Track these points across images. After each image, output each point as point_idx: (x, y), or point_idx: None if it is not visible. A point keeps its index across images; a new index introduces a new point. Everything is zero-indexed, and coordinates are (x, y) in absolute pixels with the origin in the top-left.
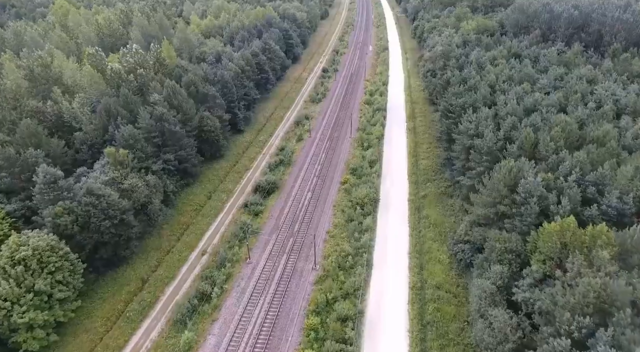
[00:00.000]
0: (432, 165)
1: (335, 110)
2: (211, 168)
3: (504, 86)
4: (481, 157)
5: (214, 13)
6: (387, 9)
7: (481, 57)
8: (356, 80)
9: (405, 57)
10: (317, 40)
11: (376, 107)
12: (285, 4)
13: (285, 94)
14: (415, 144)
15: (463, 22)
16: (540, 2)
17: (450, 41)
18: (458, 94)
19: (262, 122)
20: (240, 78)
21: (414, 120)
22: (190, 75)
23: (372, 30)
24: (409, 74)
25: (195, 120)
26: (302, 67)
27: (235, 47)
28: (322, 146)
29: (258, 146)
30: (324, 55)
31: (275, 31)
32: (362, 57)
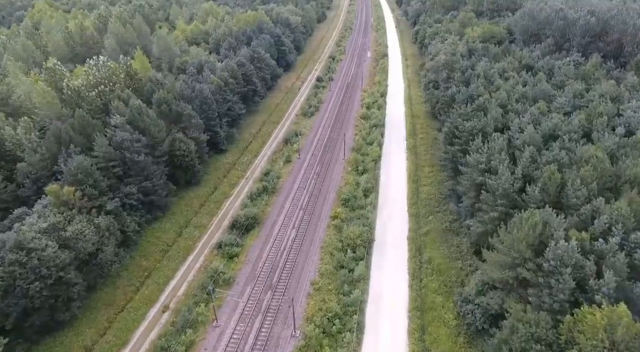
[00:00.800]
0: (434, 194)
1: (329, 127)
2: (185, 197)
3: (517, 106)
4: (495, 200)
5: (201, 18)
6: (387, 12)
7: (489, 69)
8: (352, 90)
9: (406, 64)
10: (313, 45)
11: (373, 123)
12: (279, 8)
13: (276, 106)
14: (415, 166)
15: (468, 29)
16: (552, 7)
17: (454, 50)
18: (464, 114)
19: (247, 140)
20: (223, 92)
21: (414, 138)
22: (161, 93)
23: (371, 34)
24: (409, 83)
25: (165, 144)
26: (295, 75)
27: (222, 56)
28: (311, 170)
29: (241, 169)
30: (319, 62)
31: (266, 37)
32: (359, 64)
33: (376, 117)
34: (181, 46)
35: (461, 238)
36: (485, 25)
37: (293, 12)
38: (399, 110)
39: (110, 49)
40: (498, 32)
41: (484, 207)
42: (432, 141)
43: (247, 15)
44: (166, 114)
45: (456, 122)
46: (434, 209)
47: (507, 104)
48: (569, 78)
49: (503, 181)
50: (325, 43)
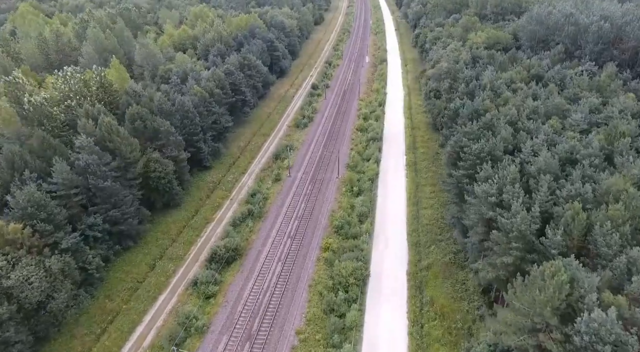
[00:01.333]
0: (437, 219)
1: (323, 140)
2: (162, 223)
3: (529, 125)
4: (508, 241)
5: (191, 22)
6: (387, 14)
7: (495, 79)
8: (349, 99)
9: (406, 70)
10: (309, 50)
11: (370, 136)
12: (273, 10)
13: (267, 116)
14: (416, 186)
15: (471, 34)
16: (562, 12)
17: (457, 57)
18: (470, 133)
19: (235, 155)
20: (208, 103)
21: (414, 152)
22: (136, 108)
23: (370, 37)
24: (409, 91)
25: (139, 165)
26: (289, 82)
27: (210, 63)
28: (302, 191)
29: (226, 188)
30: (315, 68)
31: (259, 43)
32: (357, 70)
33: (373, 129)
34: (167, 53)
35: (467, 273)
36: (490, 30)
37: (288, 15)
38: (398, 121)
39: (87, 57)
40: (503, 38)
41: (495, 249)
42: (434, 156)
43: (239, 19)
44: (141, 131)
45: (461, 141)
46: (436, 237)
47: (517, 120)
48: (583, 90)
49: (518, 221)
50: (322, 47)
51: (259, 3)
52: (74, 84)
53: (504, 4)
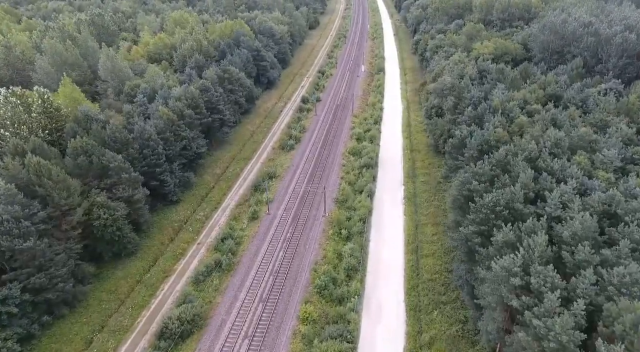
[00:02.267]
0: (440, 271)
1: (309, 167)
2: (110, 278)
3: (553, 164)
4: (542, 350)
5: (170, 29)
6: (386, 17)
7: (507, 100)
8: (342, 115)
9: (405, 80)
10: (302, 57)
11: (364, 162)
12: (263, 15)
13: (250, 135)
14: (415, 226)
15: (476, 43)
16: (579, 20)
17: (461, 71)
18: (480, 175)
19: (208, 185)
20: (177, 127)
21: (414, 181)
22: (79, 141)
23: (367, 43)
24: (408, 105)
25: (78, 213)
26: (277, 94)
27: (186, 76)
28: (282, 234)
29: (193, 229)
30: (307, 77)
31: (244, 53)
32: (352, 80)
33: (368, 153)
34: (138, 65)
35: (477, 351)
36: (498, 40)
37: (279, 20)
38: (395, 141)
39: (42, 72)
40: (512, 49)
41: None
42: (436, 186)
43: (222, 26)
44: (85, 168)
45: (469, 183)
46: (439, 298)
47: (538, 157)
48: (610, 114)
49: (557, 329)
50: (315, 54)
51: (249, 7)
52: (9, 110)
53: (511, 9)
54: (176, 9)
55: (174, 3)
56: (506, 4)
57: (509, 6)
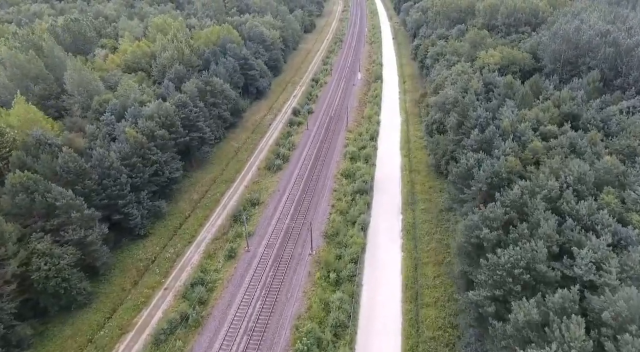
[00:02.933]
0: (443, 326)
1: (297, 192)
2: (56, 338)
3: (579, 207)
4: None
5: (152, 35)
6: (384, 20)
7: (518, 120)
8: (335, 129)
9: (403, 88)
10: (296, 63)
11: (357, 187)
12: (254, 19)
13: (235, 153)
14: (415, 265)
15: (481, 51)
16: (595, 28)
17: (465, 84)
18: (492, 219)
19: (183, 214)
20: (147, 150)
21: (413, 209)
22: (17, 176)
23: (364, 48)
24: (407, 117)
25: (12, 265)
26: (267, 105)
27: (164, 89)
28: (261, 279)
29: (161, 271)
30: (300, 86)
31: (230, 61)
32: (347, 89)
33: (362, 175)
34: (112, 77)
35: None
36: (504, 49)
37: (271, 24)
38: (393, 161)
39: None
40: (520, 58)
41: None
42: (438, 215)
43: (208, 32)
44: (26, 207)
45: (478, 229)
46: None
47: (559, 197)
48: (637, 138)
49: None
50: (310, 59)
51: (241, 10)
52: None
53: (517, 14)
54: (164, 13)
55: (162, 6)
56: (512, 8)
57: (514, 11)
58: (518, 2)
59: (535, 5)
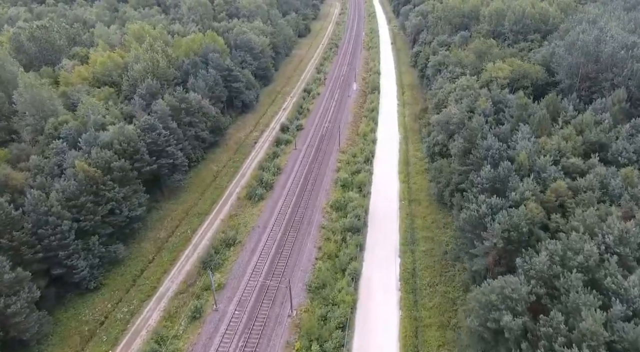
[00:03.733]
0: None
1: (279, 229)
2: None
3: (626, 285)
4: None
5: (129, 43)
6: (383, 23)
7: (536, 152)
8: (327, 149)
9: (402, 100)
10: (288, 70)
11: (349, 223)
12: (243, 25)
13: (213, 178)
14: (415, 329)
15: (488, 63)
16: (617, 39)
17: (472, 103)
18: (516, 301)
19: (146, 258)
20: (102, 185)
21: (413, 251)
22: None
23: (361, 54)
24: (406, 134)
25: None
26: (254, 119)
27: (133, 106)
28: (229, 346)
29: (108, 339)
30: (290, 97)
31: (211, 73)
32: (342, 101)
33: (354, 208)
34: (75, 93)
35: None
36: (514, 61)
37: (260, 30)
38: (390, 187)
39: None
40: (533, 71)
41: None
42: (442, 259)
43: (189, 40)
44: None
45: (496, 309)
46: None
47: (598, 265)
48: None
49: None
50: (303, 67)
51: (231, 14)
52: None
53: (526, 20)
54: (148, 17)
55: (147, 10)
56: (520, 14)
57: (523, 17)
58: (527, 7)
59: (545, 10)
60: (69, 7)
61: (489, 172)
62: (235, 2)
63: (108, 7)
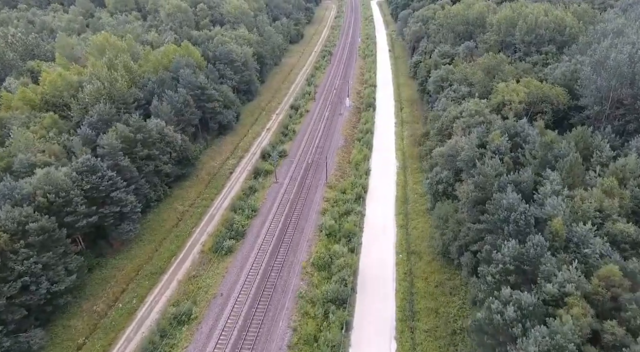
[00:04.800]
0: None
1: (247, 298)
2: None
3: None
4: None
5: (92, 57)
6: (380, 28)
7: (573, 215)
8: (312, 183)
9: (400, 119)
10: (275, 82)
11: (332, 292)
12: (226, 34)
13: (176, 222)
14: None
15: (499, 84)
16: None
17: (482, 134)
18: None
19: (71, 345)
20: (12, 253)
21: (412, 329)
22: None
23: (356, 63)
24: (404, 162)
25: None
26: (232, 143)
27: (81, 137)
28: None
29: None
30: (276, 114)
31: (181, 93)
32: (332, 120)
33: (341, 267)
34: (13, 120)
35: None
36: (530, 82)
37: (245, 39)
38: (385, 237)
39: None
40: (553, 94)
41: None
42: (449, 341)
43: (160, 53)
44: None
45: None
46: None
47: None
48: None
49: None
50: (293, 78)
51: (215, 20)
52: None
53: (539, 30)
54: (124, 24)
55: (124, 16)
56: (532, 24)
57: (535, 26)
58: (539, 14)
59: (560, 19)
60: (44, 12)
61: (512, 249)
62: (219, 8)
63: (83, 13)
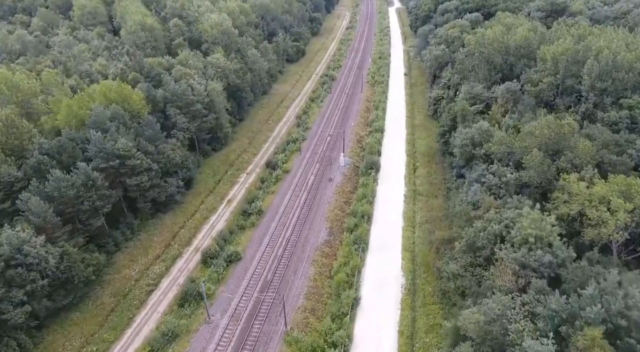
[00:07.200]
0: None
1: None
2: None
3: None
4: None
5: None
6: (397, 41)
7: None
8: (264, 328)
9: (413, 188)
10: (257, 120)
11: None
12: (191, 62)
13: None
14: None
15: (571, 177)
16: None
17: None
18: None
19: None
20: None
21: None
22: None
23: (363, 93)
24: (414, 282)
25: None
26: (170, 230)
27: None
28: None
29: None
30: (247, 173)
31: (82, 169)
32: (317, 192)
33: None
34: None
35: None
36: (633, 182)
37: (218, 68)
38: None
39: None
40: None
41: None
42: None
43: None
44: None
45: None
46: None
47: None
48: None
49: None
50: (281, 113)
51: (193, 42)
52: None
53: (618, 73)
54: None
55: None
56: (607, 64)
57: (612, 68)
58: (619, 50)
59: None
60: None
61: None
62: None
63: (43, 28)
